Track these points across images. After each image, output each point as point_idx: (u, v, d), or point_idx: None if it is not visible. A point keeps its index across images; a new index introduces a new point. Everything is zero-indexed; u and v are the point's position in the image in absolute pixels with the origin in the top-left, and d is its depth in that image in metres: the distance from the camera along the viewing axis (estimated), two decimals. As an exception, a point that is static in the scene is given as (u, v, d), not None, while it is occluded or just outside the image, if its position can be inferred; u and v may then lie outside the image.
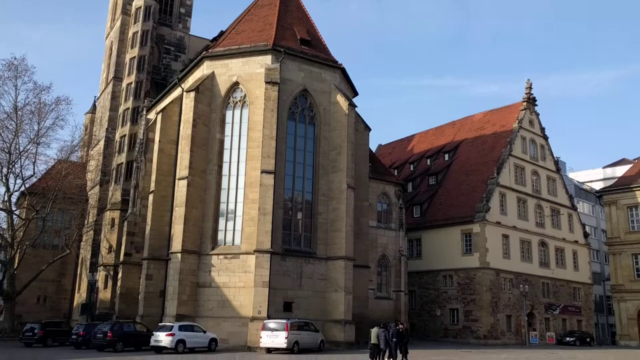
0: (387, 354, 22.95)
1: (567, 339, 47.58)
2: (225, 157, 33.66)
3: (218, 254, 31.88)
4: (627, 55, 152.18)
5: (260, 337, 27.27)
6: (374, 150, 52.12)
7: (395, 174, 54.93)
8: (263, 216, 30.79)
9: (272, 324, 27.28)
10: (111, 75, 51.36)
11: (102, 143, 49.75)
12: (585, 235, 57.43)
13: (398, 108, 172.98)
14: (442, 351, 31.42)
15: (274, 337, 26.65)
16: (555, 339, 47.55)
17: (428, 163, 58.46)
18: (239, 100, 34.27)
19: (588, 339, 49.14)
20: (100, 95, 55.94)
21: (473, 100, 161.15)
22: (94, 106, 57.79)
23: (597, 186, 72.62)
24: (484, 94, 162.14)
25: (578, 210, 59.40)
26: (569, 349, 41.26)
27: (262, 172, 31.36)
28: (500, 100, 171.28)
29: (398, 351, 23.06)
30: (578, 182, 74.76)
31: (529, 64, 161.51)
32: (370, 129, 40.57)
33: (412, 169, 60.14)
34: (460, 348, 35.96)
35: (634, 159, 67.76)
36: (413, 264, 47.52)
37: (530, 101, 54.35)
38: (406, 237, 44.65)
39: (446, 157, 56.71)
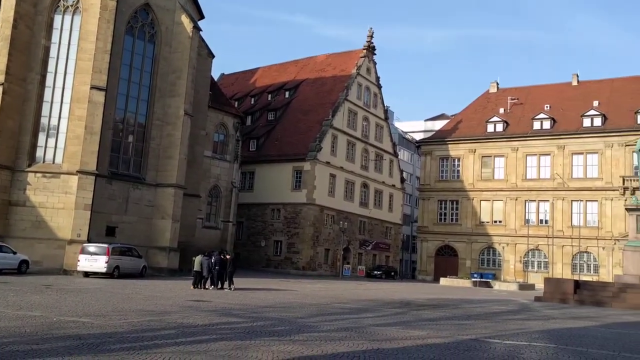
0: (209, 281, 23.57)
1: (375, 272, 52.60)
2: (51, 67, 30.60)
3: (35, 172, 29.46)
4: (461, 19, 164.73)
5: (79, 261, 26.24)
6: (216, 79, 51.17)
7: (236, 105, 54.66)
8: (90, 135, 28.93)
9: (92, 247, 26.30)
10: None
11: None
12: (402, 180, 62.99)
13: (246, 39, 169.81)
14: (262, 280, 33.03)
15: (93, 261, 25.80)
16: (365, 272, 52.32)
17: (269, 98, 58.91)
18: (71, 5, 31.04)
19: (392, 273, 54.87)
20: None
21: (319, 40, 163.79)
22: None
23: (418, 137, 79.30)
24: (330, 37, 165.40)
25: (399, 157, 64.63)
26: (375, 281, 45.77)
27: (92, 87, 29.20)
28: (344, 44, 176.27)
29: (223, 279, 23.76)
30: (402, 131, 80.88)
31: (375, 13, 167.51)
32: (214, 56, 39.60)
33: (252, 102, 60.20)
34: (280, 278, 38.08)
35: (451, 115, 74.95)
36: (244, 196, 48.44)
37: (370, 50, 56.87)
38: (240, 170, 45.20)
39: (287, 94, 57.61)
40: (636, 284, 26.35)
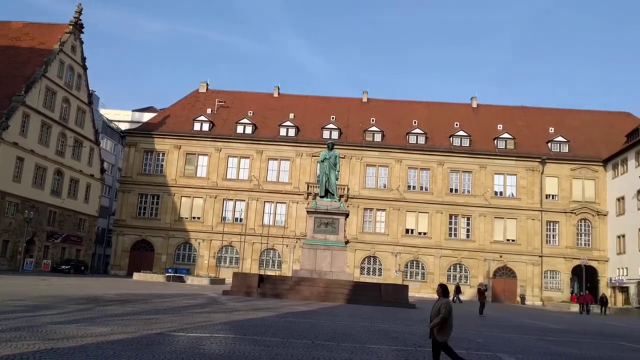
0: None
1: (63, 266, 48.69)
2: None
3: None
4: (176, 14, 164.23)
5: None
6: None
7: None
8: None
9: None
10: None
11: None
12: (102, 170, 59.73)
13: None
14: None
15: None
16: (51, 267, 48.02)
17: (-58, 59, 49.50)
18: None
19: (82, 268, 51.57)
20: None
21: (14, 4, 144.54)
22: None
23: (124, 127, 76.35)
24: (28, 3, 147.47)
25: (101, 146, 61.18)
26: (62, 276, 42.36)
27: None
28: (47, 15, 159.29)
29: None
30: (107, 119, 76.67)
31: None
32: None
33: None
34: (-60, 273, 32.28)
35: (160, 109, 74.21)
36: None
37: (78, 27, 52.71)
38: None
39: (-32, 58, 49.25)
40: (309, 277, 30.04)
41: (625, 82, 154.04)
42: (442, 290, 9.22)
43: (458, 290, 46.83)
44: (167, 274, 47.21)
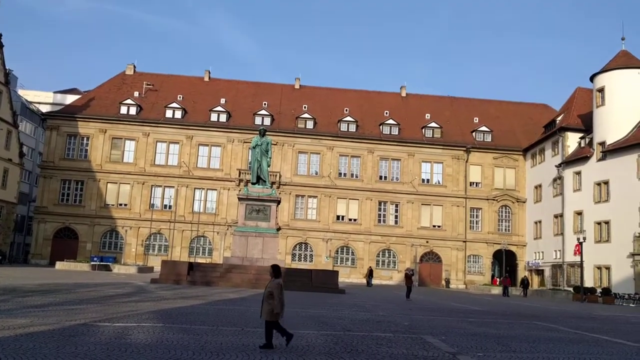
0: None
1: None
2: None
3: None
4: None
5: None
6: None
7: None
8: None
9: None
10: None
11: None
12: (22, 155, 56.67)
13: None
14: None
15: None
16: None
17: None
18: None
19: (0, 257, 48.98)
20: None
21: None
22: None
23: (45, 109, 72.62)
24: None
25: (20, 129, 57.96)
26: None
27: None
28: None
29: None
30: (26, 100, 72.63)
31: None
32: None
33: None
34: None
35: (85, 91, 71.13)
36: None
37: (-8, 2, 49.47)
38: None
39: None
40: (240, 264, 29.93)
41: (543, 76, 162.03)
42: (274, 271, 9.47)
43: (370, 274, 48.04)
44: (92, 263, 45.68)
